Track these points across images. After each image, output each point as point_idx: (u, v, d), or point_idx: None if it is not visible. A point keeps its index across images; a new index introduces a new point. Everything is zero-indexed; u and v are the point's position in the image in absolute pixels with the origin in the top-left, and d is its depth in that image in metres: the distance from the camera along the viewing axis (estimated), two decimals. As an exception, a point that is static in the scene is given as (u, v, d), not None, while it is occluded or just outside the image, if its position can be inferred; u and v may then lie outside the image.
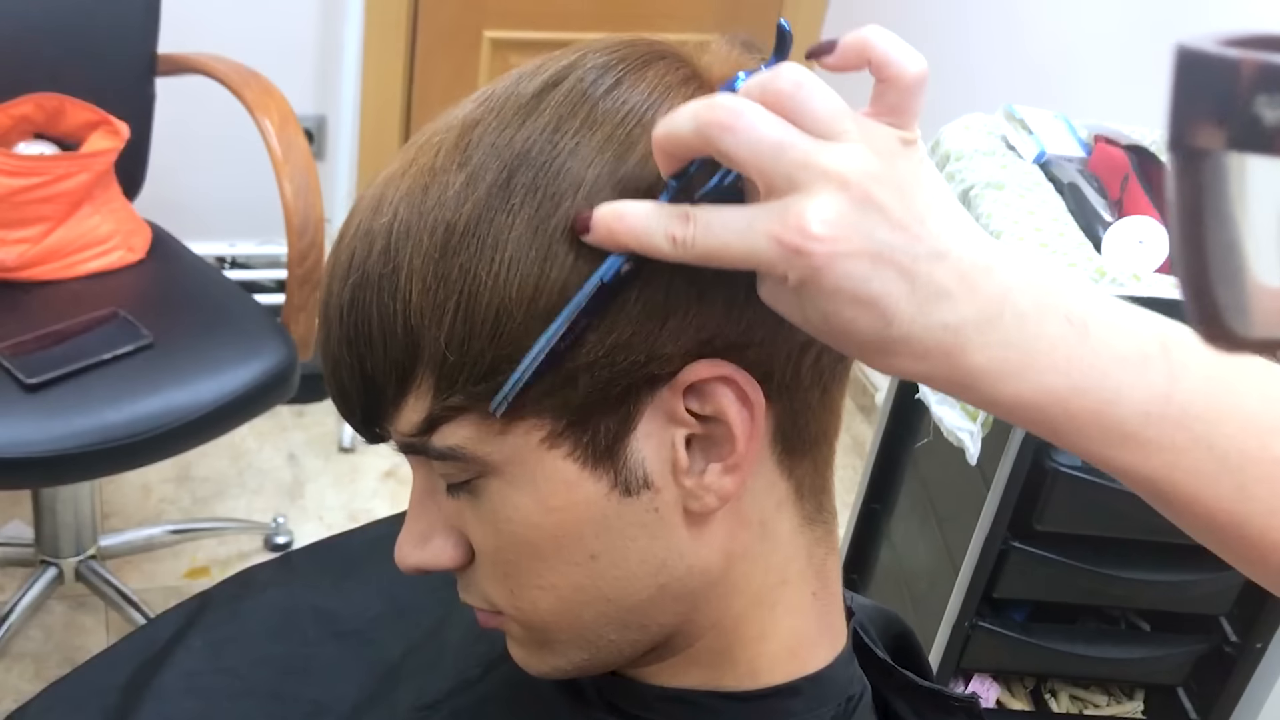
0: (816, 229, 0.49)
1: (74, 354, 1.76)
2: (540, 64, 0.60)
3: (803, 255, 0.50)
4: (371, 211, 0.60)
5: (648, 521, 0.60)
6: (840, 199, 0.50)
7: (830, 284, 0.50)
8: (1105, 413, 0.54)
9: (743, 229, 0.51)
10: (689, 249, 0.52)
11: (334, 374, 0.61)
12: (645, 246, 0.53)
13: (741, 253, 0.51)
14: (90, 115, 1.96)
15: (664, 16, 2.85)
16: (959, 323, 0.52)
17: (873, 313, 0.51)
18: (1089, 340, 0.53)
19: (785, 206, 0.50)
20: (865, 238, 0.50)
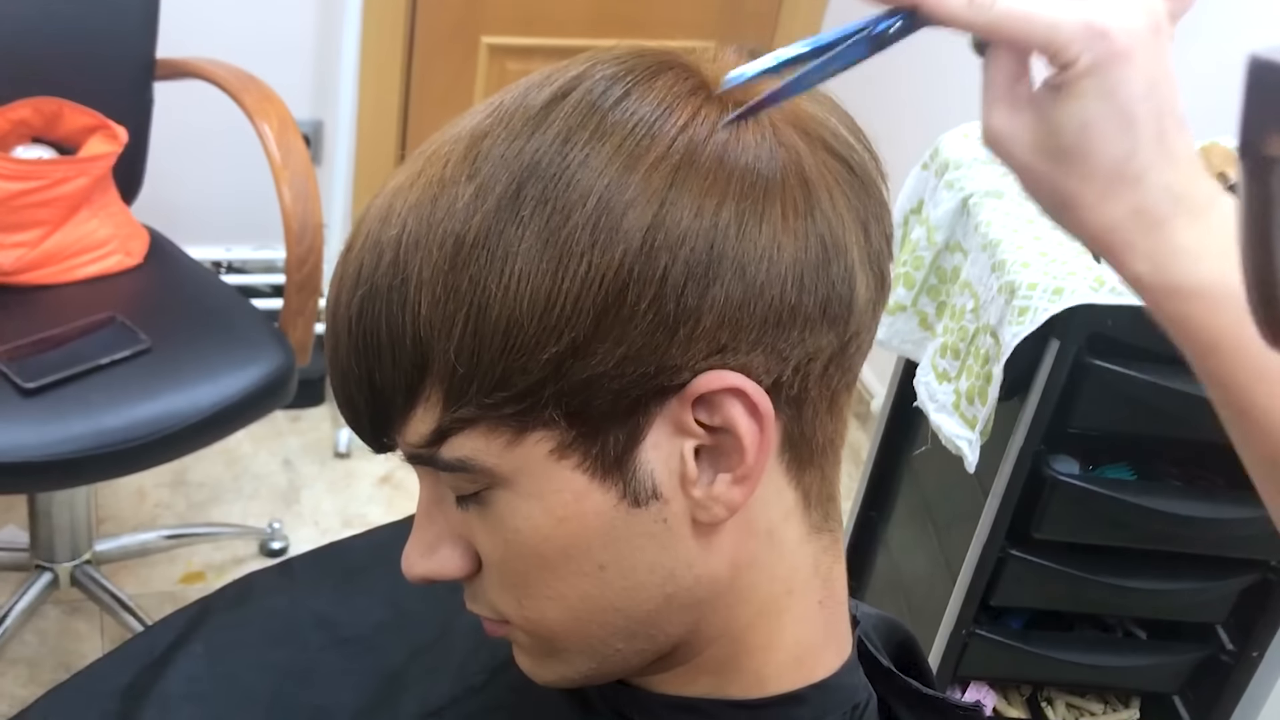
0: (1126, 21, 0.53)
1: (71, 358, 1.76)
2: (549, 74, 0.60)
3: (1107, 39, 0.53)
4: (380, 222, 0.59)
5: (656, 532, 0.60)
6: (1143, 17, 0.53)
7: (1113, 80, 0.53)
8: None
9: (1051, 3, 0.53)
10: (985, 10, 0.54)
11: (342, 385, 0.61)
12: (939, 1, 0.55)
13: (1043, 22, 0.53)
14: (88, 119, 1.96)
15: (663, 22, 2.86)
16: (1181, 193, 0.55)
17: (1126, 135, 0.54)
18: None
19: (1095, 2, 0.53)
20: (1149, 61, 0.54)
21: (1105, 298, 1.46)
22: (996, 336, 1.51)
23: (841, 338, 0.59)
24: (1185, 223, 0.55)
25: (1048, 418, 1.55)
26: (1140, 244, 0.56)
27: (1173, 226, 0.55)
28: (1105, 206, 0.56)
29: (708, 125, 0.57)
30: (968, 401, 1.58)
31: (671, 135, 0.56)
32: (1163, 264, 0.56)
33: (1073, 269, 1.50)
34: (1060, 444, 1.62)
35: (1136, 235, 0.56)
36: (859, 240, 0.59)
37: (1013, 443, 1.59)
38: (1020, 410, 1.56)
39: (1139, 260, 0.56)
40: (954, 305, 1.66)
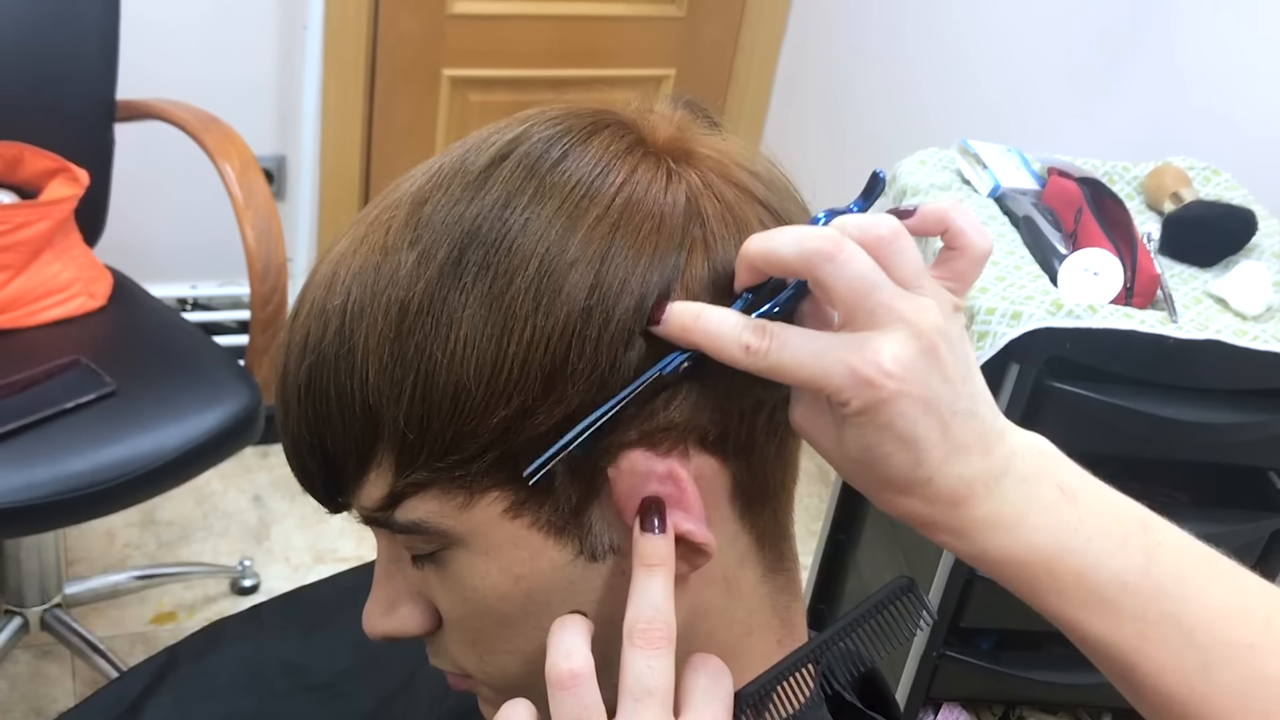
0: (890, 366, 0.54)
1: (36, 403, 1.75)
2: (486, 137, 0.61)
3: (873, 387, 0.54)
4: (324, 290, 0.60)
5: (615, 585, 0.60)
6: (913, 345, 0.54)
7: (885, 418, 0.54)
8: (1085, 576, 0.58)
9: (818, 351, 0.55)
10: (761, 360, 0.55)
11: (294, 451, 0.62)
12: (717, 350, 0.56)
13: (814, 372, 0.55)
14: (49, 163, 1.96)
15: (623, 52, 2.87)
16: (972, 476, 0.57)
17: (909, 453, 0.55)
18: (1077, 508, 0.58)
19: (864, 340, 0.54)
20: (925, 385, 0.55)
21: (1063, 321, 1.48)
22: (957, 361, 1.52)
23: (783, 387, 0.60)
24: (980, 499, 0.57)
25: (1010, 440, 1.56)
26: (942, 523, 0.58)
27: (968, 505, 0.57)
28: (903, 502, 0.58)
29: (645, 183, 0.58)
30: (931, 426, 1.59)
31: (610, 195, 0.57)
32: (967, 538, 0.58)
33: (1030, 293, 1.51)
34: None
35: (936, 516, 0.58)
36: None
37: (977, 465, 1.59)
38: (983, 433, 1.57)
39: (943, 535, 0.58)
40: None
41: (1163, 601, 0.58)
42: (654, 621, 0.56)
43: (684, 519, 0.58)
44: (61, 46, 2.02)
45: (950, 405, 0.56)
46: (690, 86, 2.92)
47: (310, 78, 2.58)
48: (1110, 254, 1.55)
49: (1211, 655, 0.58)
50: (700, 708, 0.57)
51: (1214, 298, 1.58)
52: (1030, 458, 0.58)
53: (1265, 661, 0.58)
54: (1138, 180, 1.82)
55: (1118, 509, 0.59)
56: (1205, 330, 1.49)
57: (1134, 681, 0.59)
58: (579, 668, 0.56)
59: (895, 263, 0.55)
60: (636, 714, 0.55)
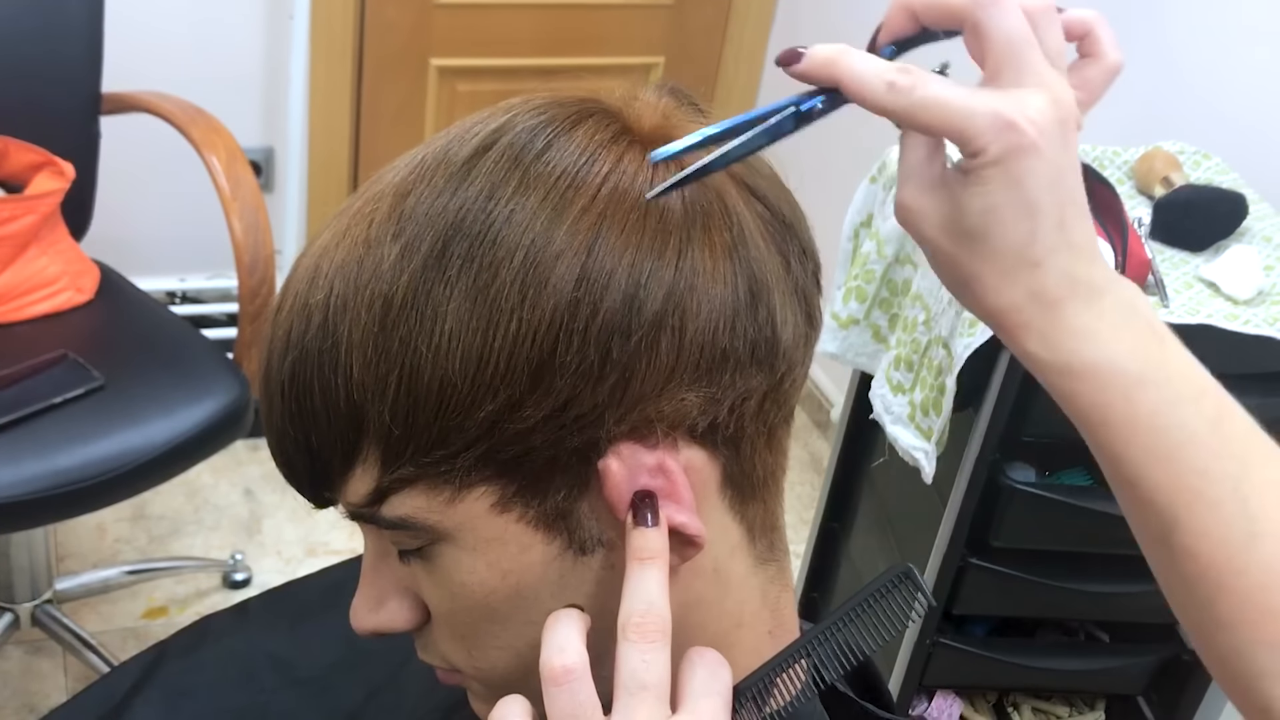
0: (1034, 114, 0.54)
1: (24, 398, 1.75)
2: (470, 127, 0.60)
3: (1016, 132, 0.54)
4: (307, 284, 0.59)
5: (604, 578, 0.60)
6: (1052, 110, 0.55)
7: (1018, 171, 0.55)
8: (1160, 414, 0.58)
9: (964, 94, 0.55)
10: (904, 96, 0.55)
11: (279, 447, 0.61)
12: (861, 83, 0.56)
13: (956, 111, 0.55)
14: (34, 157, 1.95)
15: (611, 40, 2.86)
16: (1077, 277, 0.57)
17: (1028, 222, 0.56)
18: (1165, 349, 0.59)
19: (1009, 92, 0.55)
20: (1055, 153, 0.55)
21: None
22: (949, 348, 1.52)
23: (773, 377, 0.60)
24: (1080, 305, 0.57)
25: (1002, 426, 1.56)
26: (1035, 324, 0.58)
27: (1067, 309, 0.57)
28: (1004, 288, 0.57)
29: (631, 172, 0.57)
30: (923, 413, 1.59)
31: (595, 185, 0.56)
32: (1055, 344, 0.58)
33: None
34: (1016, 452, 1.63)
35: (1033, 316, 0.58)
36: (782, 279, 0.60)
37: (969, 452, 1.59)
38: (975, 420, 1.57)
39: (1033, 340, 0.58)
40: (906, 318, 1.67)
41: (1225, 462, 0.58)
42: (648, 615, 0.55)
43: (676, 511, 0.58)
44: (46, 39, 2.01)
45: (1071, 191, 0.56)
46: (679, 74, 2.91)
47: (297, 69, 2.57)
48: (1101, 239, 1.55)
49: (1260, 527, 0.58)
50: (698, 701, 0.57)
51: (1205, 282, 1.57)
52: (1128, 289, 0.59)
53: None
54: (1128, 165, 1.81)
55: (1199, 369, 0.60)
56: (1196, 315, 1.49)
57: (1173, 541, 0.59)
58: (573, 663, 0.55)
59: (1047, 35, 0.56)
60: (632, 709, 0.54)
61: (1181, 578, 0.60)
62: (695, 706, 0.56)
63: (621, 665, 0.55)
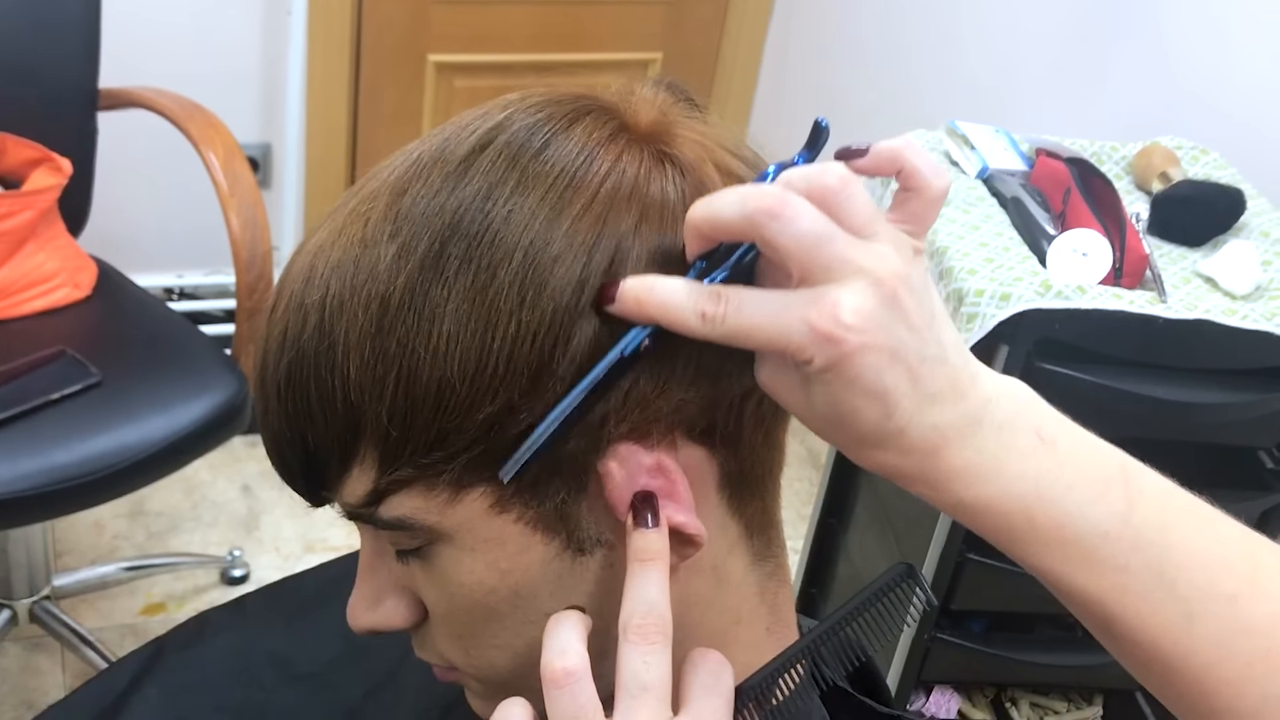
0: (850, 319, 0.52)
1: (21, 395, 1.74)
2: (466, 124, 0.60)
3: (834, 342, 0.52)
4: (303, 284, 0.59)
5: (603, 578, 0.60)
6: (872, 294, 0.52)
7: (851, 372, 0.52)
8: (1066, 525, 0.56)
9: (776, 311, 0.53)
10: (718, 326, 0.53)
11: (275, 447, 0.61)
12: (674, 321, 0.54)
13: (772, 333, 0.53)
14: (32, 153, 1.95)
15: (609, 35, 2.86)
16: (946, 424, 0.55)
17: (879, 405, 0.53)
18: (1056, 455, 0.56)
19: (821, 295, 0.52)
20: (889, 334, 0.52)
21: (1052, 302, 1.47)
22: (946, 343, 1.52)
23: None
24: (956, 448, 0.55)
25: (1000, 422, 1.55)
26: (916, 475, 0.56)
27: (944, 455, 0.55)
28: (875, 456, 0.56)
29: (631, 171, 0.57)
30: (921, 408, 1.59)
31: (594, 184, 0.56)
32: (941, 489, 0.56)
33: (1019, 275, 1.51)
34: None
35: (910, 469, 0.56)
36: None
37: (966, 448, 1.59)
38: (973, 415, 1.57)
39: (918, 486, 0.57)
40: (904, 313, 1.67)
41: (1145, 551, 0.57)
42: (649, 617, 0.55)
43: (676, 511, 0.58)
44: (43, 35, 2.01)
45: (918, 352, 0.53)
46: (677, 70, 2.91)
47: (294, 65, 2.57)
48: (1099, 234, 1.55)
49: (1195, 607, 0.57)
50: (699, 702, 0.57)
51: (1203, 277, 1.57)
52: (1006, 404, 0.56)
53: (1249, 612, 0.57)
54: (1126, 160, 1.81)
55: (1098, 456, 0.58)
56: (1194, 310, 1.49)
57: (1116, 633, 0.58)
58: (573, 666, 0.55)
59: (846, 211, 0.53)
60: (633, 711, 0.54)
61: (1135, 664, 0.59)
62: (697, 707, 0.56)
63: (623, 666, 0.55)
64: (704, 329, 0.54)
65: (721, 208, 0.54)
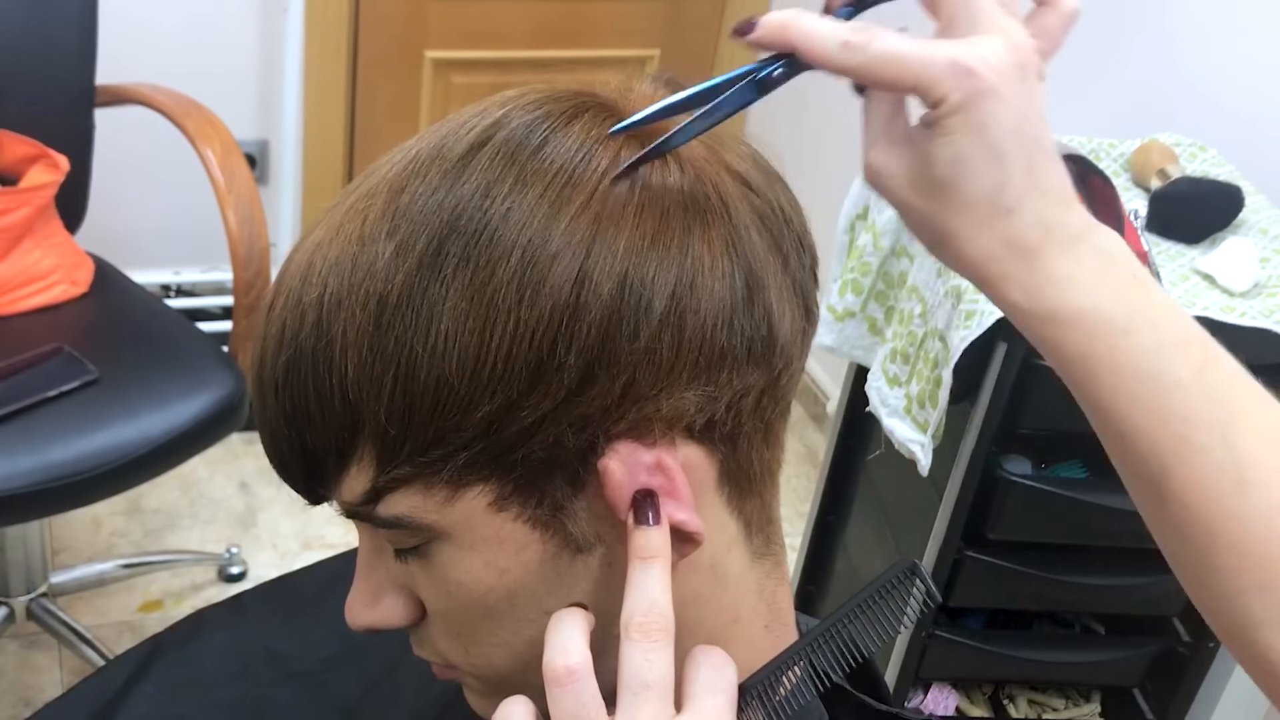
0: (991, 59, 0.54)
1: (18, 392, 1.74)
2: (464, 121, 0.59)
3: (975, 76, 0.54)
4: (300, 281, 0.58)
5: (603, 576, 0.60)
6: (1010, 55, 0.55)
7: (981, 117, 0.54)
8: (1145, 360, 0.57)
9: (919, 45, 0.54)
10: (859, 52, 0.55)
11: (273, 445, 0.61)
12: (816, 45, 0.56)
13: (914, 64, 0.54)
14: (29, 149, 1.94)
15: (606, 32, 2.85)
16: (1053, 223, 0.56)
17: (997, 171, 0.55)
18: (1149, 297, 0.58)
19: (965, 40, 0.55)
20: (1017, 98, 0.55)
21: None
22: (945, 340, 1.52)
23: (770, 373, 0.59)
24: (1058, 251, 0.57)
25: (998, 419, 1.56)
26: (1014, 273, 0.57)
27: (1046, 256, 0.57)
28: (980, 238, 0.57)
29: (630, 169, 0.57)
30: (919, 405, 1.59)
31: (594, 182, 0.56)
32: (1036, 292, 0.57)
33: (1018, 271, 1.50)
34: (1012, 445, 1.63)
35: (1011, 265, 0.57)
36: (779, 274, 0.59)
37: (965, 445, 1.59)
38: (971, 413, 1.57)
39: (1014, 289, 0.57)
40: (902, 310, 1.67)
41: (1212, 409, 0.57)
42: (650, 615, 0.55)
43: (676, 509, 0.57)
44: (40, 31, 2.01)
45: (1036, 136, 0.55)
46: (674, 67, 2.91)
47: (292, 61, 2.56)
48: (1097, 231, 1.55)
49: (1250, 474, 0.57)
50: (702, 700, 0.57)
51: (1201, 274, 1.57)
52: (1108, 236, 0.58)
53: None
54: (1124, 157, 1.81)
55: (1183, 314, 0.59)
56: (1192, 307, 1.49)
57: (1165, 491, 0.58)
58: (576, 664, 0.55)
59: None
60: (635, 709, 0.54)
61: (1174, 527, 0.59)
62: (700, 705, 0.56)
63: (624, 665, 0.55)
64: (844, 56, 0.55)
65: None
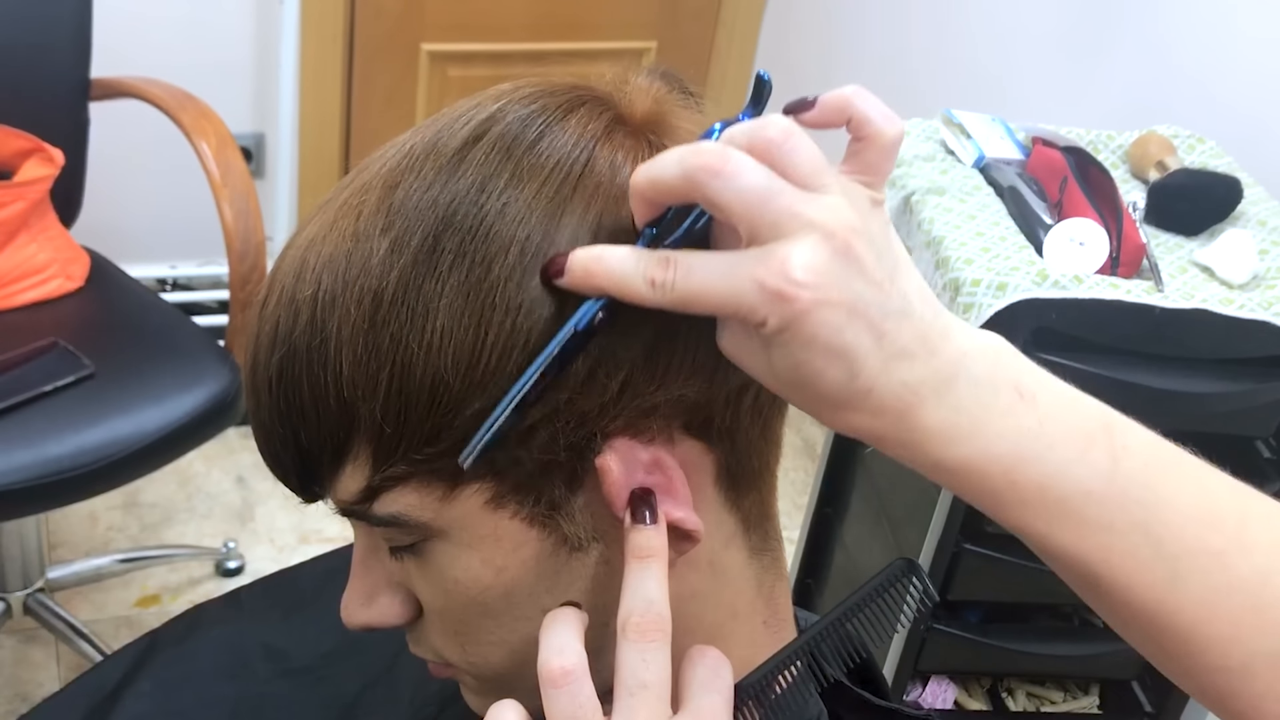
0: (801, 275, 0.49)
1: (14, 387, 1.74)
2: (459, 115, 0.59)
3: (786, 300, 0.49)
4: (294, 278, 0.58)
5: (599, 574, 0.59)
6: (824, 248, 0.50)
7: (808, 331, 0.50)
8: (1048, 486, 0.54)
9: (725, 273, 0.50)
10: (669, 292, 0.51)
11: (267, 443, 0.60)
12: (624, 290, 0.52)
13: (723, 296, 0.51)
14: (23, 143, 1.94)
15: (603, 23, 2.85)
16: (917, 382, 0.52)
17: (841, 364, 0.51)
18: (1037, 411, 0.54)
19: (770, 252, 0.50)
20: (844, 289, 0.50)
21: (1049, 292, 1.47)
22: (943, 333, 1.51)
23: None
24: (932, 406, 0.53)
25: (997, 412, 1.55)
26: (889, 435, 0.54)
27: (917, 414, 0.53)
28: (845, 418, 0.53)
29: (628, 165, 0.57)
30: (917, 398, 1.59)
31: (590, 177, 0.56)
32: (918, 450, 0.54)
33: (1016, 264, 1.50)
34: (1010, 437, 1.62)
35: (885, 430, 0.53)
36: None
37: (963, 438, 1.59)
38: (969, 405, 1.57)
39: (894, 449, 0.54)
40: (900, 303, 1.66)
41: (1129, 510, 0.55)
42: (647, 614, 0.55)
43: (673, 506, 0.57)
44: (34, 24, 2.00)
45: (879, 307, 0.51)
46: (671, 58, 2.90)
47: (288, 54, 2.56)
48: (1096, 223, 1.54)
49: (1181, 565, 0.55)
50: (699, 700, 0.56)
51: (1200, 266, 1.57)
52: (983, 359, 0.54)
53: (1237, 568, 0.56)
54: (1123, 149, 1.80)
55: (1081, 411, 0.56)
56: (1191, 299, 1.49)
57: (1101, 592, 0.57)
58: (571, 665, 0.54)
59: (791, 163, 0.51)
60: (632, 709, 0.54)
61: (1121, 622, 0.58)
62: (697, 705, 0.56)
63: (621, 665, 0.54)
64: (654, 296, 0.52)
65: (662, 169, 0.52)
